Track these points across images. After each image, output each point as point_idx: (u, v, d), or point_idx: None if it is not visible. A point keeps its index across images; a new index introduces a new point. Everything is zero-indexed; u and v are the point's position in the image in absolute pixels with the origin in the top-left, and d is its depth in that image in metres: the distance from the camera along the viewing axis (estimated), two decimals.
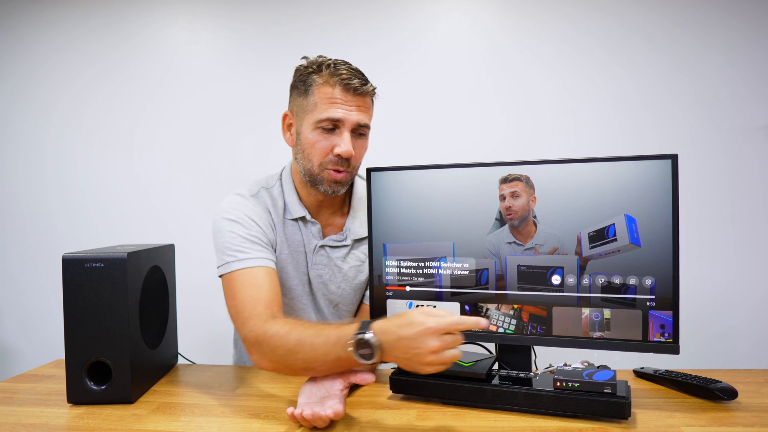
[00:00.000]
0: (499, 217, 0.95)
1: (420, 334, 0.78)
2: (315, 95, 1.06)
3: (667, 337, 0.87)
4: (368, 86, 1.08)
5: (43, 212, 2.24)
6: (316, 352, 0.89)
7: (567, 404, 0.85)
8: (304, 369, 0.92)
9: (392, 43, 2.05)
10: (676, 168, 0.85)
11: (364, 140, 1.12)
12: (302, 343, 0.90)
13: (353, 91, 1.05)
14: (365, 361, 0.82)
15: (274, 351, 0.92)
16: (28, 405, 0.97)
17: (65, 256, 0.95)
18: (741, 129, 1.92)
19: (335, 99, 1.05)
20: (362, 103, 1.07)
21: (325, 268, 1.18)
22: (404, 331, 0.79)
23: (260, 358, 0.95)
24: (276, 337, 0.92)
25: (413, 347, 0.78)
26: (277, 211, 1.16)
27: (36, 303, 2.25)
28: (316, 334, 0.89)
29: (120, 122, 2.19)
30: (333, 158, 1.07)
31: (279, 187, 1.18)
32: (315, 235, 1.17)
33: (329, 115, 1.05)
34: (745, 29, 1.91)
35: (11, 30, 2.21)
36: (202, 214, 2.13)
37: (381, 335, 0.82)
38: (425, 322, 0.78)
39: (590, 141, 1.97)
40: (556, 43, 1.99)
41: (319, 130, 1.07)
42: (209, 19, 2.14)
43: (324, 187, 1.10)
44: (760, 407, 0.89)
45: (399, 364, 0.82)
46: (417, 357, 0.78)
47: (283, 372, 0.98)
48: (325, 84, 1.06)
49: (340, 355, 0.86)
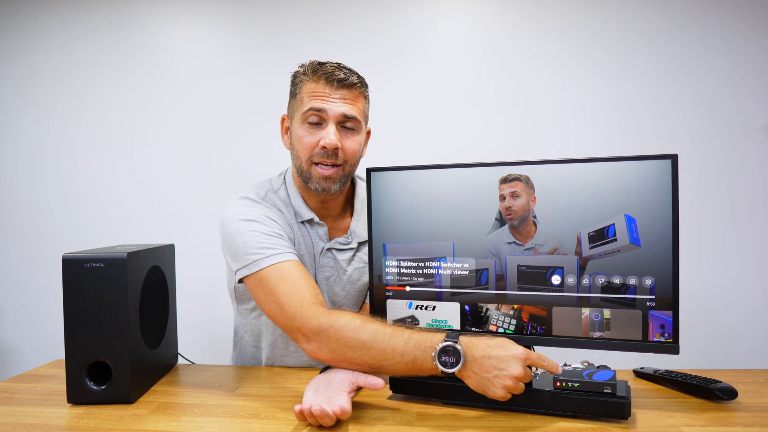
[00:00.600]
0: (499, 217, 0.95)
1: (512, 357, 0.82)
2: (301, 92, 1.08)
3: (667, 337, 0.87)
4: (352, 77, 1.07)
5: (43, 212, 2.24)
6: (392, 351, 0.87)
7: (567, 404, 0.85)
8: (370, 365, 0.90)
9: (392, 43, 2.05)
10: (676, 168, 0.85)
11: (354, 135, 1.10)
12: (378, 339, 0.88)
13: (337, 83, 1.06)
14: (445, 369, 0.83)
15: (341, 341, 0.90)
16: (28, 405, 0.97)
17: (65, 256, 0.95)
18: (741, 129, 1.92)
19: (318, 92, 1.06)
20: (348, 96, 1.07)
21: (332, 270, 1.19)
22: (495, 351, 0.83)
23: (320, 347, 0.92)
24: (347, 329, 0.90)
25: (500, 368, 0.82)
26: (288, 212, 1.16)
27: (36, 303, 2.25)
28: (394, 333, 0.88)
29: (120, 122, 2.19)
30: (319, 151, 1.07)
31: (284, 190, 1.18)
32: (322, 238, 1.17)
33: (311, 105, 1.06)
34: (745, 29, 1.91)
35: (11, 30, 2.22)
36: (202, 215, 2.13)
37: (467, 348, 0.84)
38: (518, 348, 0.83)
39: (590, 141, 1.98)
40: (556, 43, 1.99)
41: (306, 126, 1.08)
42: (209, 19, 2.14)
43: (314, 185, 1.09)
44: (760, 407, 0.89)
45: (471, 381, 0.84)
46: (498, 378, 0.81)
47: (340, 364, 0.93)
48: (310, 81, 1.08)
49: (417, 358, 0.86)
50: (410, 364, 0.87)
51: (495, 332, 0.97)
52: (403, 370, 0.89)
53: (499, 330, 0.97)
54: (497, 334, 0.97)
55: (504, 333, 0.96)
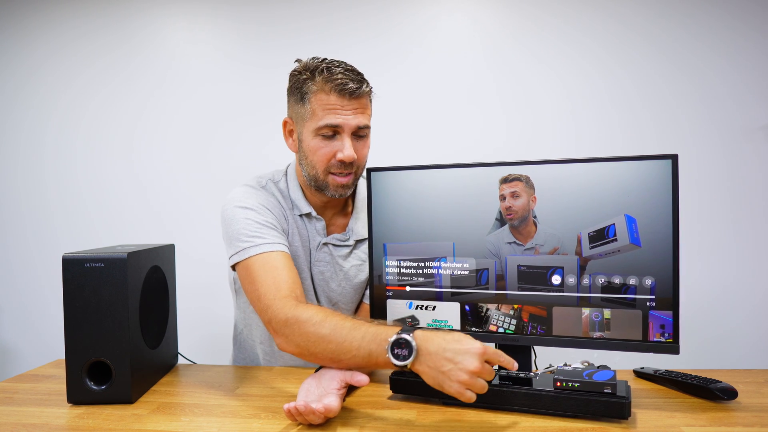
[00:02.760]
0: (499, 217, 0.95)
1: (466, 351, 0.79)
2: (312, 103, 1.06)
3: (667, 337, 0.87)
4: (364, 87, 1.07)
5: (42, 212, 2.24)
6: (349, 345, 0.88)
7: (567, 404, 0.85)
8: (330, 359, 0.91)
9: (392, 43, 2.05)
10: (676, 168, 0.85)
11: (365, 140, 1.12)
12: (337, 333, 0.89)
13: (349, 95, 1.05)
14: (397, 361, 0.82)
15: (304, 335, 0.92)
16: (28, 405, 0.97)
17: (65, 256, 0.95)
18: (741, 129, 1.92)
19: (332, 105, 1.05)
20: (359, 106, 1.07)
21: (328, 265, 1.19)
22: (451, 345, 0.80)
23: (286, 341, 0.94)
24: (309, 323, 0.91)
25: (455, 362, 0.79)
26: (286, 203, 1.17)
27: (36, 303, 2.25)
28: (353, 327, 0.89)
29: (120, 122, 2.19)
30: (336, 163, 1.08)
31: (285, 183, 1.20)
32: (319, 232, 1.18)
33: (327, 122, 1.05)
34: (745, 29, 1.91)
35: (11, 30, 2.22)
36: (202, 214, 2.13)
37: (422, 341, 0.82)
38: (475, 342, 0.80)
39: (590, 141, 1.98)
40: (556, 43, 1.99)
41: (319, 137, 1.07)
42: (209, 19, 2.14)
43: (331, 192, 1.11)
44: (760, 407, 0.89)
45: (426, 376, 0.82)
46: (452, 372, 0.79)
47: (306, 358, 0.95)
48: (320, 91, 1.05)
49: (372, 351, 0.86)
50: (366, 357, 0.87)
51: (495, 332, 0.97)
52: (360, 364, 0.88)
53: (499, 330, 0.97)
54: (497, 333, 0.97)
55: (504, 333, 0.96)
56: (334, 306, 1.23)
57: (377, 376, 1.11)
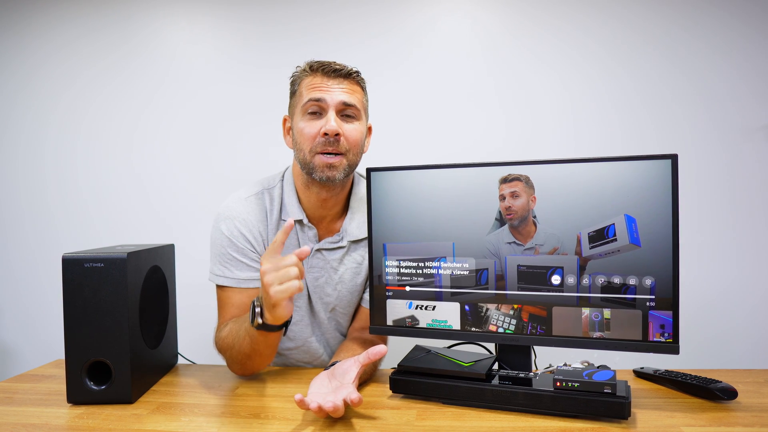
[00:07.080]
0: (499, 217, 0.95)
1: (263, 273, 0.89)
2: (300, 87, 1.12)
3: (667, 337, 0.87)
4: (349, 68, 1.11)
5: (43, 212, 2.24)
6: (237, 336, 1.03)
7: (567, 404, 0.85)
8: (242, 356, 1.04)
9: (392, 43, 2.05)
10: (676, 168, 0.85)
11: (355, 123, 1.11)
12: (231, 335, 1.05)
13: (333, 73, 1.09)
14: (259, 318, 0.94)
15: (224, 353, 1.09)
16: (28, 405, 0.97)
17: (65, 256, 0.95)
18: (741, 129, 1.92)
19: (317, 84, 1.09)
20: (345, 85, 1.10)
21: (321, 271, 1.18)
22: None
23: (227, 364, 1.11)
24: (220, 342, 1.10)
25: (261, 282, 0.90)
26: (274, 213, 1.17)
27: (36, 303, 2.25)
28: (234, 321, 1.07)
29: (120, 122, 2.19)
30: (321, 140, 1.07)
31: (280, 188, 1.19)
32: (311, 239, 1.17)
33: (310, 96, 1.08)
34: (745, 29, 1.91)
35: (11, 30, 2.21)
36: (202, 215, 2.13)
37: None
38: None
39: (590, 141, 1.97)
40: (556, 43, 1.99)
41: (306, 117, 1.09)
42: (209, 19, 2.14)
43: (318, 174, 1.08)
44: (760, 407, 0.89)
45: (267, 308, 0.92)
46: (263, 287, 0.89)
47: (240, 372, 1.10)
48: (308, 76, 1.11)
49: (247, 329, 0.99)
50: (247, 334, 0.99)
51: (495, 332, 0.97)
52: (253, 343, 0.99)
53: (499, 330, 0.97)
54: (496, 333, 0.97)
55: (504, 333, 0.96)
56: (331, 312, 1.22)
57: (377, 376, 1.11)
